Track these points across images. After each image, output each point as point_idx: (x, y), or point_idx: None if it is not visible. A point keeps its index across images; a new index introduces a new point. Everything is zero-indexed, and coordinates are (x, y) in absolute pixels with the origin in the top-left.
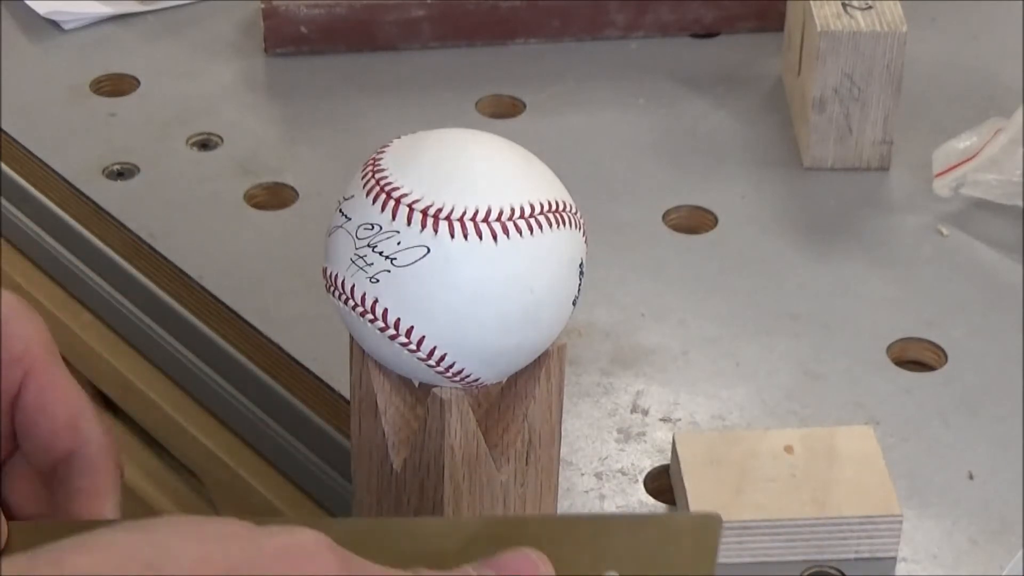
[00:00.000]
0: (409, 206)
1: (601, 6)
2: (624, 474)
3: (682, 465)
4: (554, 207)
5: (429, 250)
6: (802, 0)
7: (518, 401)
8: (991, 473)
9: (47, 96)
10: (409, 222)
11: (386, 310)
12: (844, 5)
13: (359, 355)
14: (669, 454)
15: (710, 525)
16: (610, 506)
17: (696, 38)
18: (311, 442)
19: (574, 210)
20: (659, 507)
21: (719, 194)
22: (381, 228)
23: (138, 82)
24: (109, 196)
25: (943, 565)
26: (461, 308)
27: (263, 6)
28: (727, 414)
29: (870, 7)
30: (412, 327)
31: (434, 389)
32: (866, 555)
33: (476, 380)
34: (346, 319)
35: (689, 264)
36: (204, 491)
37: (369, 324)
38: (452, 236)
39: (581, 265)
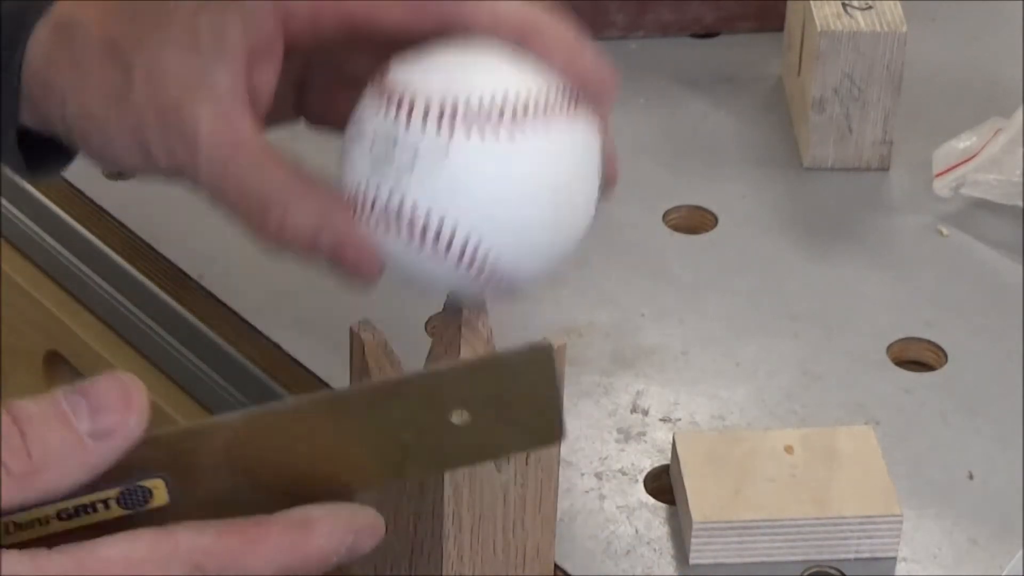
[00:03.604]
0: (424, 107)
1: (601, 6)
2: (624, 474)
3: (682, 465)
4: (567, 90)
5: (448, 152)
6: (802, 0)
7: None
8: (991, 473)
9: None
10: (425, 122)
11: (415, 208)
12: (844, 5)
13: (359, 355)
14: (669, 454)
15: (541, 353)
16: (610, 506)
17: (696, 38)
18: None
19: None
20: (659, 507)
21: (719, 194)
22: (397, 135)
23: None
24: (109, 196)
25: (943, 565)
26: (489, 188)
27: None
28: (727, 414)
29: (870, 7)
30: (443, 219)
31: None
32: (866, 555)
33: (513, 279)
34: (376, 237)
35: (689, 264)
36: None
37: (399, 234)
38: (468, 136)
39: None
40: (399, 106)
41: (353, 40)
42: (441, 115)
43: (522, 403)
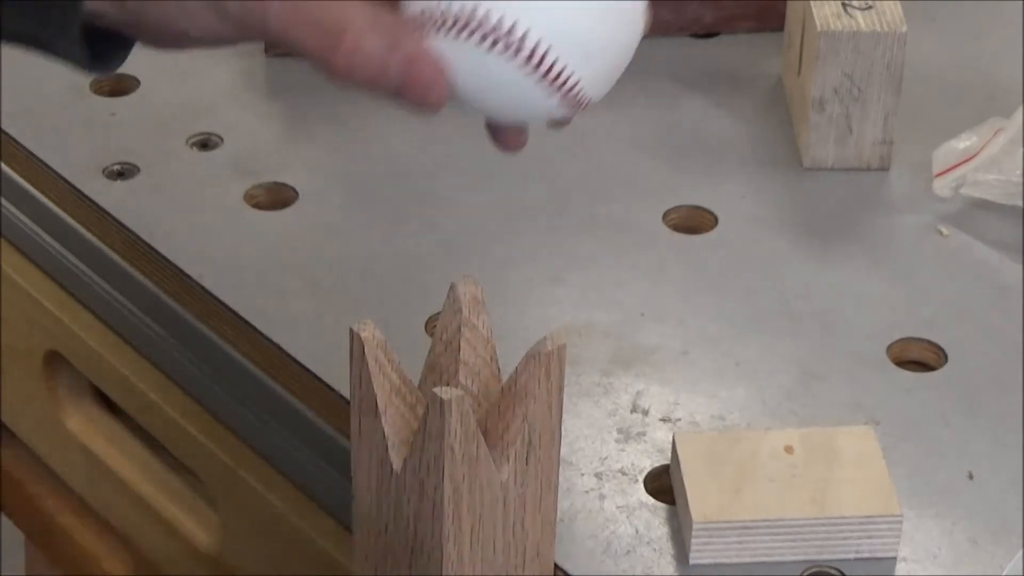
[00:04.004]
0: None
1: None
2: (624, 474)
3: (682, 465)
4: None
5: None
6: (802, 0)
7: (518, 401)
8: (991, 473)
9: (47, 96)
10: None
11: (487, 12)
12: (844, 5)
13: (359, 355)
14: (669, 454)
15: None
16: (610, 506)
17: (696, 38)
18: (311, 442)
19: None
20: (659, 507)
21: (719, 194)
22: None
23: (138, 82)
24: (109, 196)
25: (943, 565)
26: None
27: None
28: (727, 414)
29: (870, 7)
30: (515, 22)
31: (434, 389)
32: (866, 555)
33: (577, 85)
34: (446, 52)
35: (689, 264)
36: (204, 491)
37: (471, 39)
38: None
39: None
40: None
41: None
42: None
43: None
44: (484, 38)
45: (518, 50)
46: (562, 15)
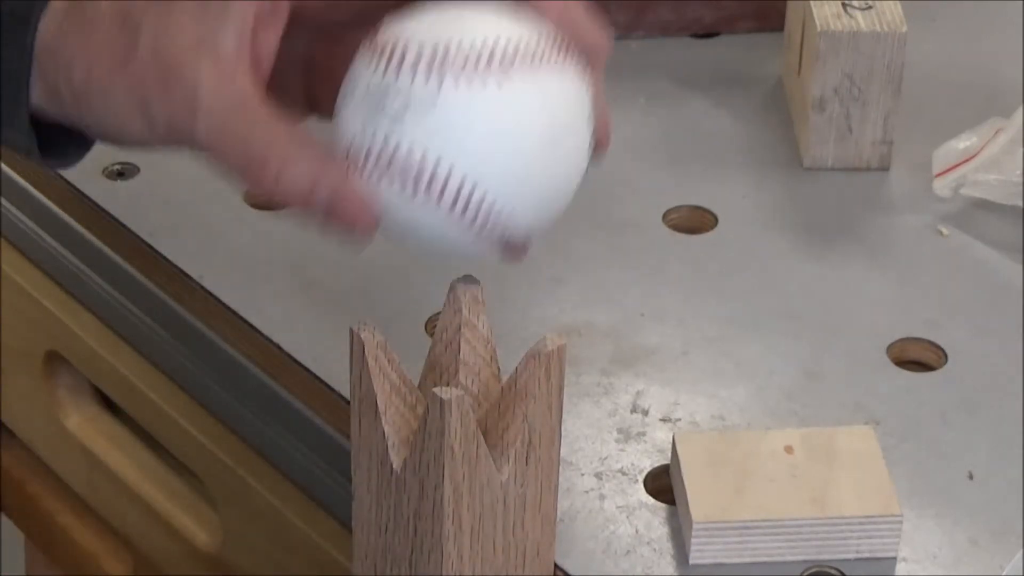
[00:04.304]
0: (415, 56)
1: (601, 6)
2: (624, 474)
3: (682, 465)
4: (558, 40)
5: (436, 103)
6: (802, 0)
7: (518, 401)
8: (991, 473)
9: None
10: (414, 74)
11: (410, 154)
12: (844, 5)
13: (359, 355)
14: (669, 454)
15: None
16: (610, 506)
17: (696, 38)
18: (311, 442)
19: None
20: (659, 507)
21: (719, 194)
22: (387, 87)
23: None
24: (109, 196)
25: (943, 565)
26: (480, 132)
27: None
28: (727, 414)
29: (870, 7)
30: (437, 163)
31: (434, 389)
32: (866, 555)
33: (504, 224)
34: (374, 190)
35: (689, 264)
36: (204, 491)
37: (394, 183)
38: (456, 82)
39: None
40: (390, 57)
41: (357, 11)
42: (431, 62)
43: None
44: (406, 181)
45: (441, 192)
46: (487, 157)
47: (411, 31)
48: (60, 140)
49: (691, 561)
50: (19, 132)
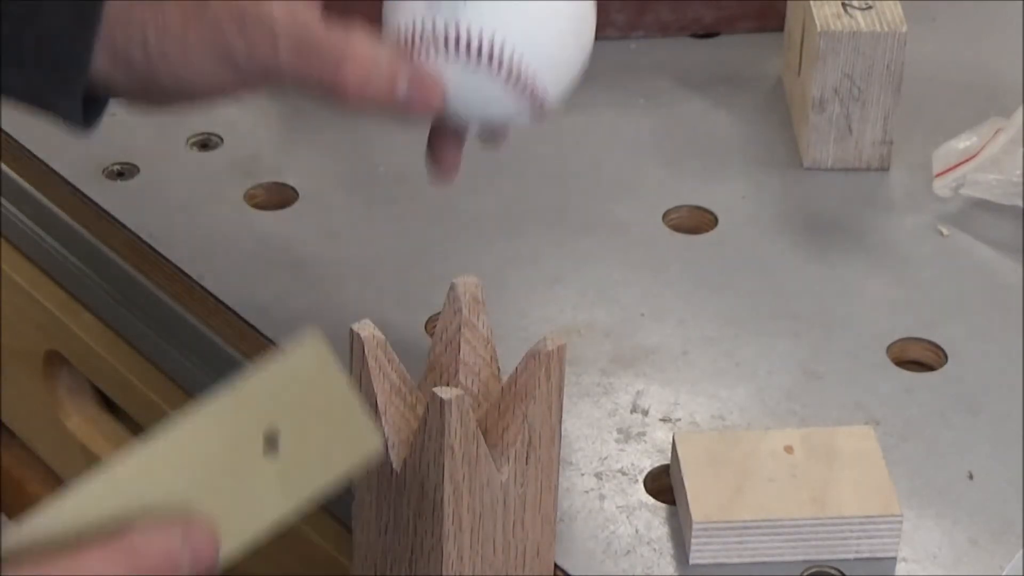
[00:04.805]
0: None
1: (601, 6)
2: (624, 474)
3: (682, 465)
4: None
5: None
6: (802, 0)
7: (518, 401)
8: (991, 473)
9: None
10: None
11: (469, 30)
12: (844, 5)
13: (359, 355)
14: (669, 454)
15: (311, 344)
16: (610, 506)
17: (696, 38)
18: None
19: None
20: (659, 507)
21: (719, 194)
22: None
23: None
24: (109, 196)
25: (943, 565)
26: (531, 12)
27: None
28: (727, 414)
29: (870, 7)
30: (493, 38)
31: (434, 389)
32: (866, 555)
33: (542, 87)
34: (439, 67)
35: (689, 264)
36: None
37: (456, 57)
38: None
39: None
40: None
41: None
42: None
43: (319, 409)
44: (468, 56)
45: (491, 58)
46: (531, 28)
47: None
48: (88, 106)
49: (691, 561)
50: (74, 103)
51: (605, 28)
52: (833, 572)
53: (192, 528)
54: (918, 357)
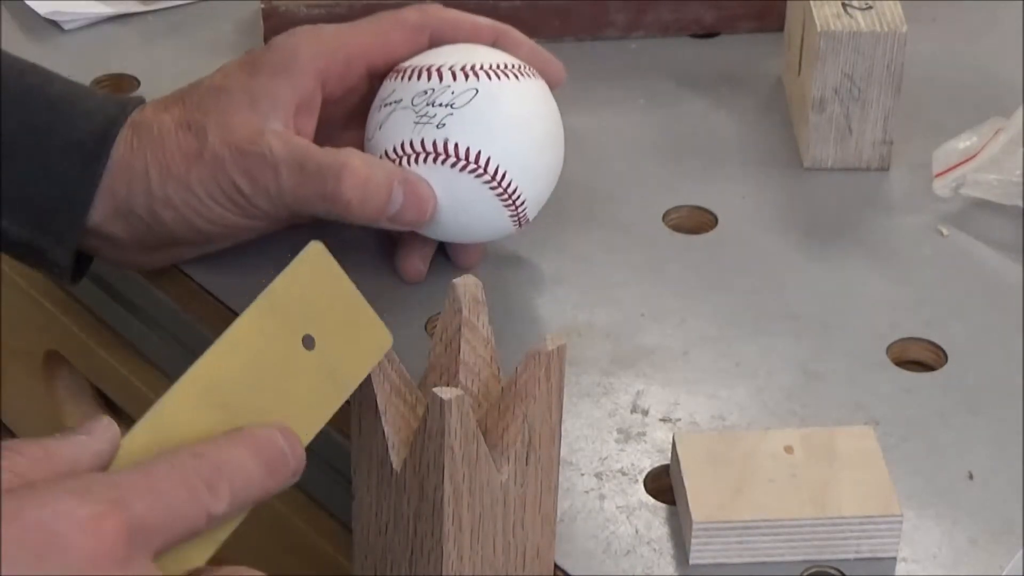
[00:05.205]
0: (449, 69)
1: (601, 6)
2: (624, 474)
3: (682, 465)
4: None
5: (478, 91)
6: (802, 0)
7: (518, 401)
8: (991, 473)
9: None
10: (454, 77)
11: (456, 144)
12: (844, 5)
13: None
14: (669, 454)
15: (316, 254)
16: (610, 506)
17: (696, 38)
18: (311, 442)
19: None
20: (659, 507)
21: (719, 194)
22: (434, 90)
23: (138, 82)
24: None
25: (943, 565)
26: (511, 129)
27: (263, 6)
28: (727, 414)
29: (870, 7)
30: (479, 151)
31: (434, 389)
32: (866, 555)
33: (525, 203)
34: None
35: (689, 264)
36: None
37: (442, 165)
38: (490, 78)
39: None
40: (428, 73)
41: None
42: (463, 70)
43: (335, 311)
44: (455, 166)
45: (483, 172)
46: (515, 145)
47: (434, 57)
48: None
49: (691, 561)
50: (66, 250)
51: (605, 28)
52: (833, 572)
53: (285, 430)
54: (918, 357)
